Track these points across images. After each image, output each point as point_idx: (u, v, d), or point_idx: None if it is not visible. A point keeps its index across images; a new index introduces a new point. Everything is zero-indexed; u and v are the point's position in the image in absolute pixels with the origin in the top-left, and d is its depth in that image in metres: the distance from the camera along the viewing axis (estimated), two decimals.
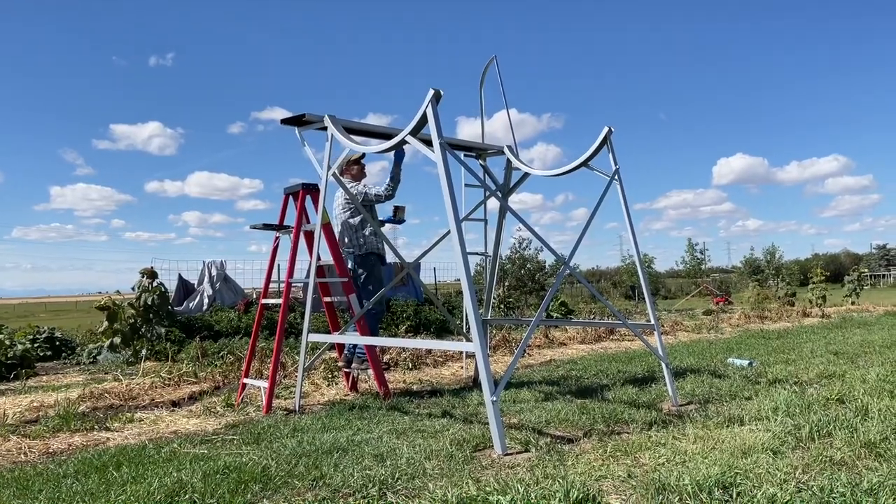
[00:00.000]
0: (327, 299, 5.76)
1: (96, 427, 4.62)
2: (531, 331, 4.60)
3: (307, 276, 5.30)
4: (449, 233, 4.03)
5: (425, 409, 4.85)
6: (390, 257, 6.13)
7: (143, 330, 8.94)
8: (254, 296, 13.98)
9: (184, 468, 3.38)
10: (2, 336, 8.68)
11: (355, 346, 5.69)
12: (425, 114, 4.07)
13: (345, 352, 5.83)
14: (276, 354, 5.24)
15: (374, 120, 18.93)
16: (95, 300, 9.84)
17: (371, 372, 5.60)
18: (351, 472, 3.18)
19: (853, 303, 19.05)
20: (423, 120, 4.12)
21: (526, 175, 5.63)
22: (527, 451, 3.54)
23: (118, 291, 9.82)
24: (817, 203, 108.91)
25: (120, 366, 8.25)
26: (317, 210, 5.26)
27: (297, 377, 5.16)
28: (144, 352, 8.56)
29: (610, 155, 5.01)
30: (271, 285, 6.01)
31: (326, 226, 5.31)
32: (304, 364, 5.17)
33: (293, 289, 8.62)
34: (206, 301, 13.63)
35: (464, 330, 6.11)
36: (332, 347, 6.23)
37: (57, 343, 10.24)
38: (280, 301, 5.44)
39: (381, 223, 6.08)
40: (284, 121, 5.15)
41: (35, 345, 9.48)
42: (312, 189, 5.42)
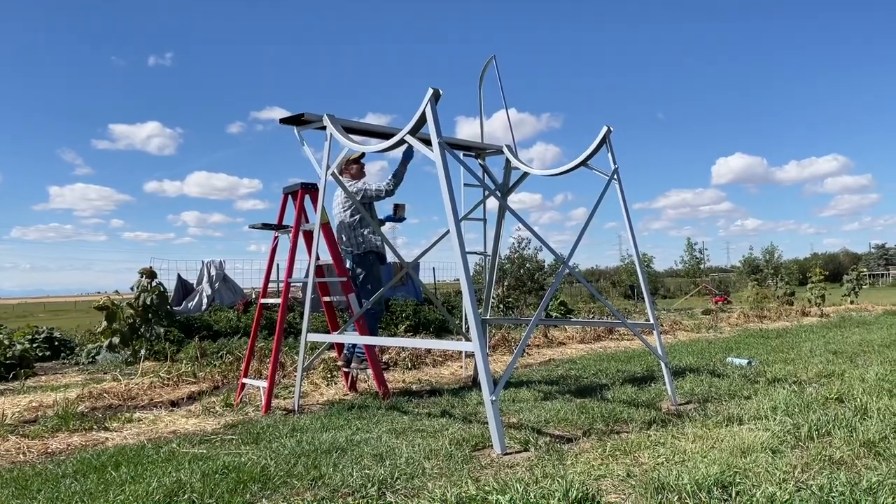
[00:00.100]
0: (326, 299, 5.76)
1: (95, 427, 4.62)
2: (530, 330, 4.60)
3: (306, 276, 5.30)
4: (448, 232, 4.03)
5: (424, 409, 4.85)
6: (390, 257, 6.13)
7: (142, 330, 8.94)
8: (253, 295, 13.99)
9: (182, 468, 3.38)
10: (1, 336, 8.67)
11: (354, 346, 5.69)
12: (424, 113, 4.07)
13: (344, 351, 5.82)
14: (275, 354, 5.24)
15: (374, 119, 18.95)
16: (94, 300, 9.84)
17: (370, 371, 5.60)
18: (350, 472, 3.18)
19: (852, 302, 19.08)
20: (423, 119, 4.11)
21: (525, 175, 5.63)
22: (526, 451, 3.54)
23: (117, 291, 9.83)
24: (816, 202, 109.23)
25: (119, 366, 8.24)
26: (316, 209, 5.26)
27: (297, 377, 5.15)
28: (143, 352, 8.56)
29: (609, 154, 5.01)
30: (270, 285, 6.01)
31: (325, 225, 5.31)
32: (304, 364, 5.16)
33: (292, 288, 8.61)
34: (205, 301, 13.64)
35: (463, 329, 6.11)
36: (332, 347, 6.22)
37: (56, 343, 10.22)
38: (279, 301, 5.43)
39: (382, 221, 6.08)
40: (283, 120, 5.14)
41: (34, 345, 9.48)
42: (311, 188, 5.41)
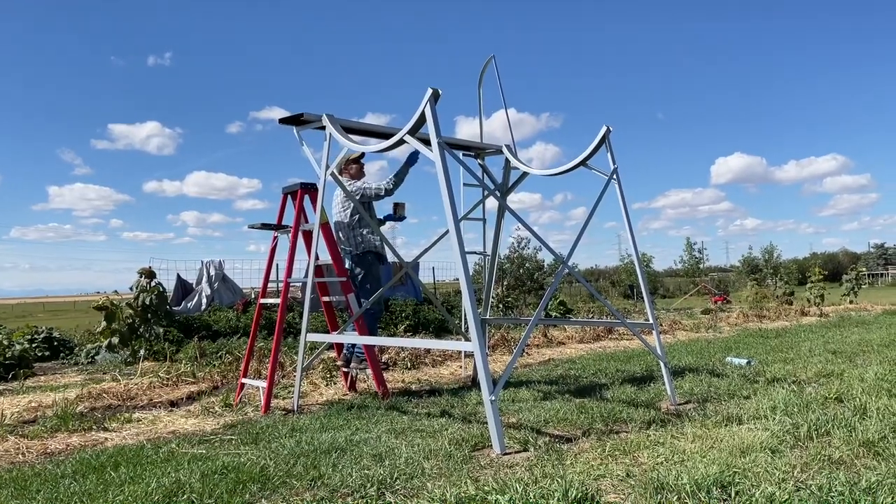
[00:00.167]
0: (326, 299, 5.76)
1: (94, 427, 4.61)
2: (530, 330, 4.60)
3: (305, 276, 5.30)
4: (447, 232, 4.03)
5: (424, 409, 4.85)
6: (389, 256, 6.13)
7: (142, 330, 8.94)
8: (252, 295, 14.00)
9: (182, 468, 3.38)
10: (0, 336, 8.67)
11: (354, 346, 5.69)
12: (424, 113, 4.06)
13: (343, 351, 5.82)
14: (275, 354, 5.24)
15: (373, 119, 18.96)
16: (94, 300, 9.84)
17: (369, 371, 5.60)
18: (349, 472, 3.18)
19: (851, 302, 19.08)
20: (422, 119, 4.11)
21: (524, 174, 5.63)
22: (525, 451, 3.54)
23: (116, 291, 9.82)
24: (815, 202, 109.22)
25: (118, 366, 8.24)
26: (315, 209, 5.26)
27: (296, 377, 5.15)
28: (142, 352, 8.56)
29: (608, 154, 5.01)
30: (270, 285, 6.01)
31: (325, 225, 5.31)
32: (303, 364, 5.16)
33: (291, 288, 8.61)
34: (205, 301, 13.65)
35: (462, 329, 6.11)
36: (331, 347, 6.22)
37: (55, 343, 10.22)
38: (278, 301, 5.43)
39: (382, 220, 6.08)
40: (283, 120, 5.14)
41: (33, 345, 9.48)
42: (311, 188, 5.41)
